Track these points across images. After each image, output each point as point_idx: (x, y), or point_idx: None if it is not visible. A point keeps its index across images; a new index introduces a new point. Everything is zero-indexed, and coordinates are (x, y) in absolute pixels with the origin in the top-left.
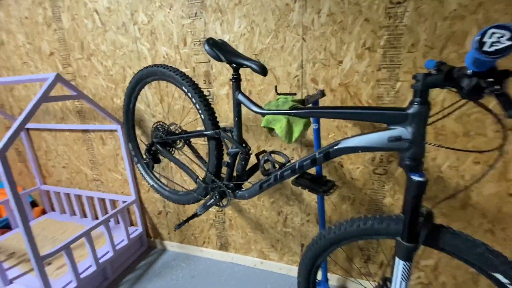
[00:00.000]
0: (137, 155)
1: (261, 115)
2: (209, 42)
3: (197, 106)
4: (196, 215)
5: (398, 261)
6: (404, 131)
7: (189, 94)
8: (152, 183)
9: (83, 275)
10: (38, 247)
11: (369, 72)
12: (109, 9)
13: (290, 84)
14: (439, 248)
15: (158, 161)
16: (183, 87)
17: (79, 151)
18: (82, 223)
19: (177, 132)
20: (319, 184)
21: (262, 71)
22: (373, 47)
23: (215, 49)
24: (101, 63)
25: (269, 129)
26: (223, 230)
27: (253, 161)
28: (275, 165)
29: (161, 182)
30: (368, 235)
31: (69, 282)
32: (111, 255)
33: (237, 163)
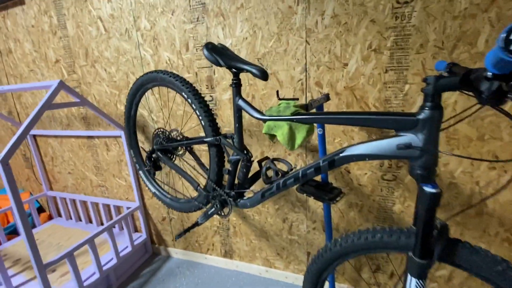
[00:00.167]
0: (138, 161)
1: (262, 121)
2: (208, 46)
3: (197, 112)
4: (197, 224)
5: (410, 278)
6: (414, 138)
7: (189, 100)
8: (154, 190)
9: (87, 283)
10: (42, 254)
11: (375, 74)
12: (112, 16)
13: (294, 88)
14: (456, 265)
15: (159, 168)
16: (183, 93)
17: (84, 157)
18: (87, 229)
19: (178, 138)
20: (324, 191)
21: (262, 75)
22: (380, 49)
23: (214, 53)
24: (105, 70)
25: (270, 136)
26: (227, 237)
27: (256, 168)
28: (278, 172)
29: (162, 189)
30: (377, 248)
31: None
32: (114, 262)
33: (238, 171)
